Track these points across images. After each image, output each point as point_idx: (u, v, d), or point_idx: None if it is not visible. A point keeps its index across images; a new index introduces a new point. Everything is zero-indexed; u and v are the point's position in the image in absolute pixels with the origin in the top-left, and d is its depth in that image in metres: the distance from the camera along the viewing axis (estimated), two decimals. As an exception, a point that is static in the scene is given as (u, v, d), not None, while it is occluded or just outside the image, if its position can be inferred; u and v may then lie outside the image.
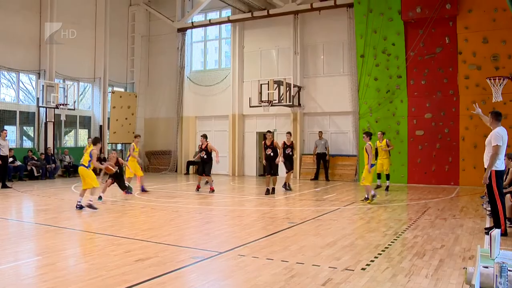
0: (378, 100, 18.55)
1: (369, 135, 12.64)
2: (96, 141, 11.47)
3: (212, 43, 24.68)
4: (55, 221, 9.51)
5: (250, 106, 20.53)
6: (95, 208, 10.87)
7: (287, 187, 15.43)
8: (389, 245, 7.31)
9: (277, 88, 19.55)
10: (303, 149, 20.91)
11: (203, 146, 14.55)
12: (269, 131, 15.14)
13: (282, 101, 19.46)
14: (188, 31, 24.20)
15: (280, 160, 14.61)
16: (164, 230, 8.51)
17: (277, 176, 14.99)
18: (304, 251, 6.91)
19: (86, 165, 10.97)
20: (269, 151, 14.58)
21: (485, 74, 16.03)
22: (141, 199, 13.15)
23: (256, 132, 22.60)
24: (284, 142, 15.07)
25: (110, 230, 8.53)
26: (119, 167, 13.46)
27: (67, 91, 21.15)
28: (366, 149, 12.33)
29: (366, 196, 12.46)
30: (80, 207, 11.02)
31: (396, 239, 7.73)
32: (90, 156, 10.91)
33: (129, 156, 15.12)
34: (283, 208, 12.00)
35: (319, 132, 19.98)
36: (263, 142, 14.98)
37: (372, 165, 12.25)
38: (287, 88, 19.38)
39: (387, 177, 15.63)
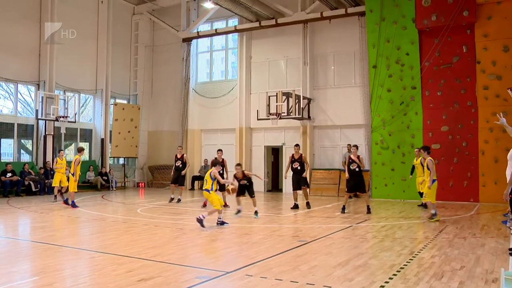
0: (392, 112, 18.50)
1: (427, 149, 12.59)
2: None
3: (218, 54, 24.84)
4: (53, 239, 9.51)
5: (258, 119, 20.55)
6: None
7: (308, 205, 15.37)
8: (404, 265, 7.22)
9: (286, 100, 19.58)
10: (313, 163, 20.85)
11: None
12: (296, 145, 15.61)
13: (291, 113, 19.47)
14: (194, 41, 24.39)
15: (285, 176, 15.27)
16: (168, 248, 8.47)
17: (308, 189, 15.54)
18: (315, 271, 6.83)
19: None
20: (296, 165, 14.96)
21: (506, 84, 15.90)
22: (144, 216, 13.13)
23: (264, 146, 22.60)
24: (292, 156, 15.16)
25: (111, 248, 8.50)
26: (247, 180, 13.19)
27: (68, 103, 21.32)
28: (427, 164, 12.19)
29: (433, 213, 12.24)
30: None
31: (412, 259, 7.63)
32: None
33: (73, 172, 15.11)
34: (293, 225, 11.92)
35: (348, 145, 19.08)
36: (290, 156, 15.38)
37: (433, 181, 12.08)
38: (296, 100, 19.39)
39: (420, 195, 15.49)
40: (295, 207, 15.03)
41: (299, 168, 14.92)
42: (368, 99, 19.05)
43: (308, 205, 15.40)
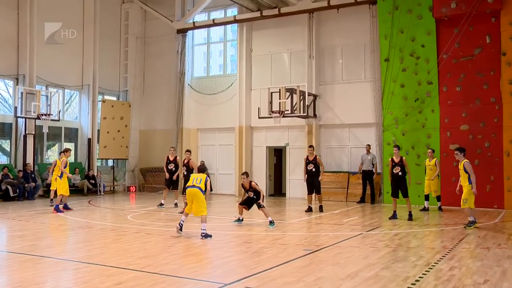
0: (405, 110, 18.48)
1: (463, 151, 12.64)
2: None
3: (216, 46, 24.86)
4: (34, 249, 9.49)
5: (259, 117, 20.56)
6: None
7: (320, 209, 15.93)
8: (420, 277, 7.20)
9: (290, 97, 19.60)
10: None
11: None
12: (311, 146, 16.54)
13: (296, 111, 19.48)
14: (189, 32, 24.42)
15: (304, 179, 15.86)
16: (162, 258, 8.47)
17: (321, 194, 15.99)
18: (321, 283, 6.83)
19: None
20: (310, 167, 15.60)
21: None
22: (135, 223, 13.13)
23: (266, 147, 22.61)
24: (307, 157, 15.87)
25: (99, 258, 8.50)
26: (254, 192, 12.96)
27: (51, 100, 21.19)
28: (465, 167, 12.18)
29: (472, 220, 12.22)
30: None
31: (428, 271, 7.61)
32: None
33: (61, 174, 15.40)
34: (297, 233, 11.92)
35: (367, 145, 19.14)
36: (305, 157, 16.11)
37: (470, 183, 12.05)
38: (301, 97, 19.40)
39: (438, 199, 16.30)
40: (309, 210, 15.61)
41: (313, 170, 15.53)
42: (380, 96, 19.03)
43: (321, 208, 15.82)
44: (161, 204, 16.80)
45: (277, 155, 23.56)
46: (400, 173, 14.05)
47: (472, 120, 17.48)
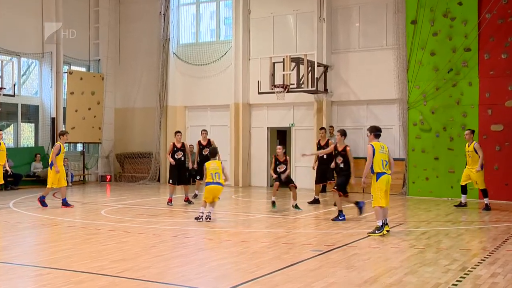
0: (436, 83, 18.41)
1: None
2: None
3: (206, 6, 24.70)
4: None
5: (259, 93, 20.52)
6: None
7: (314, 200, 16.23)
8: (454, 285, 7.22)
9: (296, 68, 19.52)
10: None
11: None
12: (322, 128, 16.83)
13: (303, 85, 19.42)
14: (174, -11, 24.30)
15: (314, 167, 16.40)
16: (142, 261, 8.48)
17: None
18: (334, 290, 6.84)
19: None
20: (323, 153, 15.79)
21: None
22: (110, 219, 13.13)
23: (267, 128, 22.61)
24: (319, 142, 16.36)
25: (65, 262, 8.48)
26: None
27: (2, 70, 20.84)
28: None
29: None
30: None
31: (464, 277, 7.61)
32: None
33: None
34: (304, 230, 11.94)
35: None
36: (316, 142, 16.62)
37: None
38: (309, 68, 19.32)
39: (484, 193, 15.24)
40: (315, 201, 15.92)
41: (325, 156, 15.58)
42: (405, 66, 18.96)
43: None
44: (195, 195, 16.98)
45: (280, 138, 23.53)
46: (342, 165, 13.41)
47: (521, 94, 17.43)
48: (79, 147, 25.16)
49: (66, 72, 23.63)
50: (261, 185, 22.43)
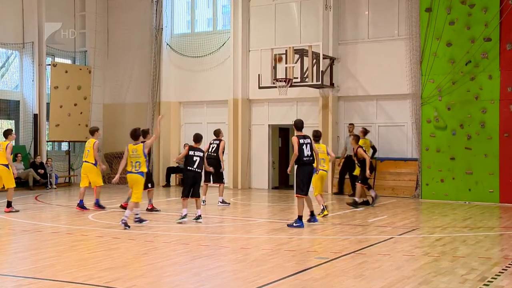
0: (452, 76, 18.39)
1: None
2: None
3: (203, -7, 24.74)
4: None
5: (260, 87, 20.54)
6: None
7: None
8: (471, 295, 7.25)
9: (300, 61, 19.54)
10: (337, 150, 20.80)
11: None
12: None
13: (307, 79, 19.45)
14: (167, -26, 24.31)
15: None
16: (133, 270, 8.52)
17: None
18: (341, 301, 6.86)
19: None
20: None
21: None
22: (98, 224, 13.14)
23: (269, 125, 22.63)
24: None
25: (49, 271, 8.50)
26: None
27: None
28: None
29: None
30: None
31: None
32: None
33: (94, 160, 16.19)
34: (308, 236, 11.94)
35: (349, 125, 19.98)
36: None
37: None
38: (314, 60, 19.33)
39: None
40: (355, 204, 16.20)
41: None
42: (418, 58, 18.95)
43: (355, 204, 16.14)
44: (225, 202, 16.96)
45: (283, 136, 23.54)
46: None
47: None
48: (64, 146, 25.15)
49: (49, 65, 23.57)
50: (261, 187, 22.42)
